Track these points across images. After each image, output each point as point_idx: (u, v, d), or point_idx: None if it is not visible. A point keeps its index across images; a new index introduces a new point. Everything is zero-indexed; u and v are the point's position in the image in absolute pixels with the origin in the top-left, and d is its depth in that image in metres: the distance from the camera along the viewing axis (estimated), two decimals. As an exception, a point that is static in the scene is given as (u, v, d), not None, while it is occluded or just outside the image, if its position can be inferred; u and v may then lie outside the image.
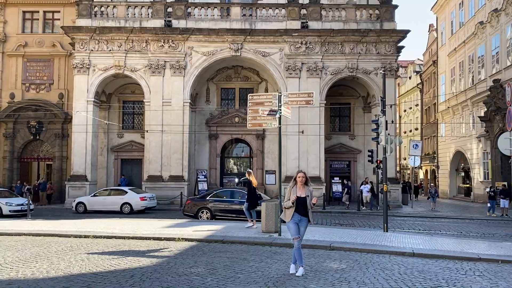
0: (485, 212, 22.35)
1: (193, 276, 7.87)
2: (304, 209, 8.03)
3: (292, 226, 8.07)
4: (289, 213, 8.06)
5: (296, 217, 8.03)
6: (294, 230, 8.05)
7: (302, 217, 8.06)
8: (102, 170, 28.35)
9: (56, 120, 28.03)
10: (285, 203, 8.16)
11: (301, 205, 8.02)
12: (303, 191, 8.06)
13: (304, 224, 8.11)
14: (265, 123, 13.45)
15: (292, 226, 8.06)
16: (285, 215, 8.16)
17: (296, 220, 8.05)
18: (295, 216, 8.03)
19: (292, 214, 8.02)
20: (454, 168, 36.49)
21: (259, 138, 28.73)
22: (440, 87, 38.80)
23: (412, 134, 49.62)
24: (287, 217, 8.09)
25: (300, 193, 8.04)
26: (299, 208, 8.03)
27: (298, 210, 8.03)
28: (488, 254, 10.27)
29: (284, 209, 8.21)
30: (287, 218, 8.09)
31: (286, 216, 8.14)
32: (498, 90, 26.09)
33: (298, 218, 8.05)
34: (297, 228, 8.07)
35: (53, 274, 7.99)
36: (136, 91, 28.33)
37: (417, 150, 26.29)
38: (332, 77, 26.22)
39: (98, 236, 12.66)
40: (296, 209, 8.02)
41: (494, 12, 27.99)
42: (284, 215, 8.21)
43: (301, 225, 8.09)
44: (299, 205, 8.02)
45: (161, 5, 26.29)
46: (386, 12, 26.49)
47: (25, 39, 28.61)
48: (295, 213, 8.02)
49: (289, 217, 8.06)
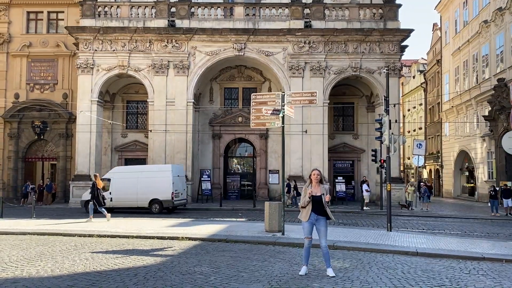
0: (489, 212, 22.26)
1: (196, 275, 7.90)
2: (321, 208, 7.86)
3: (307, 226, 7.93)
4: (306, 213, 7.91)
5: (313, 217, 7.89)
6: (308, 230, 7.94)
7: (319, 216, 7.89)
8: (106, 170, 28.26)
9: (60, 120, 28.15)
10: (301, 201, 8.00)
11: (317, 204, 7.86)
12: (318, 190, 7.89)
13: (322, 223, 7.89)
14: (269, 123, 13.46)
15: (307, 225, 7.93)
16: (302, 214, 7.99)
17: (313, 220, 7.90)
18: (312, 216, 7.88)
19: (309, 214, 7.88)
20: (458, 168, 36.35)
21: (262, 137, 28.75)
22: (444, 86, 38.67)
23: (416, 133, 49.49)
24: (304, 217, 7.92)
25: (315, 192, 7.87)
26: (316, 208, 7.87)
27: (315, 209, 7.88)
28: (492, 254, 10.25)
29: (301, 209, 8.03)
30: (304, 218, 7.92)
31: (303, 216, 7.96)
32: (503, 89, 25.97)
33: (315, 218, 7.89)
34: (312, 228, 7.94)
35: (58, 273, 8.04)
36: (139, 91, 28.41)
37: (421, 150, 26.18)
38: (336, 77, 26.19)
39: (102, 235, 12.72)
40: (313, 209, 7.87)
41: (498, 11, 27.87)
42: (301, 214, 8.03)
43: (319, 224, 7.88)
44: (315, 204, 7.86)
45: (165, 5, 26.34)
46: (389, 11, 26.43)
47: (30, 39, 28.74)
48: (312, 213, 7.87)
49: (306, 217, 7.90)
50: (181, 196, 21.87)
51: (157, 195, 20.69)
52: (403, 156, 47.57)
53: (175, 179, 21.08)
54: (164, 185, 20.61)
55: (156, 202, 20.78)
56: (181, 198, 21.82)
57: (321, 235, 7.90)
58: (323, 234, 7.90)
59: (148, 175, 21.15)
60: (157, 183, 20.69)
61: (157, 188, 20.65)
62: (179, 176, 21.81)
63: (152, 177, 20.93)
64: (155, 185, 20.67)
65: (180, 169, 22.89)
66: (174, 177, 21.02)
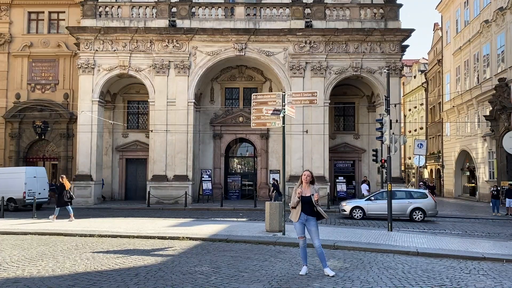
0: (491, 212, 22.26)
1: (197, 275, 7.91)
2: (311, 209, 7.94)
3: (298, 226, 8.02)
4: (296, 213, 8.00)
5: (303, 217, 7.96)
6: (300, 230, 8.01)
7: (309, 216, 7.95)
8: (107, 170, 28.47)
9: (61, 120, 28.19)
10: (291, 201, 8.10)
11: (307, 205, 7.94)
12: (308, 190, 7.97)
13: (312, 223, 7.96)
14: (269, 123, 13.48)
15: (298, 226, 8.02)
16: (292, 215, 8.10)
17: (303, 220, 7.97)
18: (302, 216, 7.96)
19: (299, 214, 7.96)
20: (459, 168, 36.34)
21: (263, 137, 28.76)
22: (445, 86, 38.67)
23: (416, 133, 49.47)
24: (294, 217, 8.02)
25: (305, 192, 7.96)
26: (305, 208, 7.95)
27: (304, 210, 7.96)
28: (492, 253, 10.25)
29: (292, 209, 8.13)
30: (294, 218, 8.01)
31: (293, 216, 8.07)
32: (504, 89, 25.98)
33: (305, 218, 7.96)
34: (303, 228, 8.01)
35: (59, 273, 8.06)
36: (140, 91, 28.43)
37: (422, 150, 26.23)
38: (336, 77, 26.19)
39: (103, 235, 12.74)
40: (303, 209, 7.96)
41: (499, 11, 27.85)
42: (292, 215, 8.14)
43: (309, 225, 7.95)
44: (304, 204, 7.94)
45: (166, 5, 26.36)
46: (390, 11, 26.42)
47: (31, 40, 28.78)
48: (302, 213, 7.95)
49: (296, 217, 7.99)
50: (41, 196, 22.90)
51: (12, 194, 22.25)
52: (404, 156, 47.54)
53: (30, 180, 22.57)
54: (17, 186, 22.28)
55: (11, 200, 22.32)
56: (40, 197, 22.77)
57: (313, 236, 7.95)
58: (315, 235, 7.94)
59: (5, 177, 22.77)
60: (11, 184, 22.29)
61: (11, 188, 22.20)
62: (36, 177, 23.10)
63: (8, 178, 22.59)
64: (10, 185, 22.23)
65: (40, 171, 24.15)
66: (28, 178, 22.55)
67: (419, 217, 18.62)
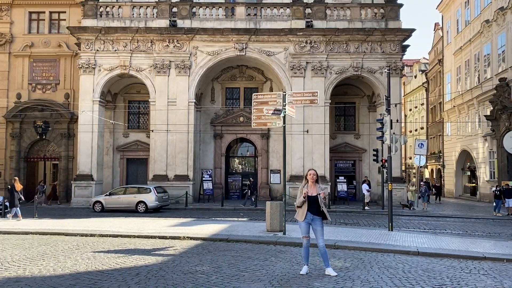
0: (491, 212, 22.24)
1: (198, 274, 7.93)
2: (317, 208, 7.91)
3: (303, 225, 8.00)
4: (302, 212, 7.97)
5: (309, 217, 7.94)
6: (305, 229, 8.00)
7: (315, 216, 7.93)
8: (108, 170, 28.50)
9: (62, 120, 28.20)
10: (297, 201, 8.07)
11: (313, 204, 7.91)
12: (314, 190, 7.95)
13: (318, 223, 7.94)
14: (270, 123, 13.49)
15: (304, 225, 7.99)
16: (298, 214, 8.07)
17: (309, 219, 7.95)
18: (308, 215, 7.93)
19: (305, 214, 7.94)
20: (460, 167, 36.33)
21: (264, 137, 28.76)
22: (445, 86, 38.65)
23: (417, 133, 49.46)
24: (300, 216, 7.99)
25: (311, 192, 7.93)
26: (311, 207, 7.92)
27: (310, 209, 7.93)
28: (493, 253, 10.25)
29: (297, 208, 8.11)
30: (300, 217, 7.99)
31: (299, 215, 8.04)
32: (504, 88, 25.97)
33: (311, 218, 7.94)
34: (308, 227, 8.00)
35: (60, 272, 8.08)
36: (141, 91, 28.44)
37: (423, 149, 26.17)
38: (337, 76, 26.19)
39: (104, 235, 12.77)
40: (309, 209, 7.93)
41: (500, 11, 27.85)
42: (297, 214, 8.10)
43: (315, 224, 7.93)
44: (310, 204, 7.91)
45: (166, 5, 26.38)
46: (391, 11, 26.42)
47: (32, 40, 28.79)
48: (308, 213, 7.93)
49: (302, 217, 7.97)
50: None
51: None
52: (404, 156, 47.52)
53: None
54: None
55: None
56: None
57: (317, 235, 7.95)
58: (320, 234, 7.94)
59: None
60: None
61: None
62: None
63: None
64: None
65: None
66: None
67: (142, 209, 21.85)
